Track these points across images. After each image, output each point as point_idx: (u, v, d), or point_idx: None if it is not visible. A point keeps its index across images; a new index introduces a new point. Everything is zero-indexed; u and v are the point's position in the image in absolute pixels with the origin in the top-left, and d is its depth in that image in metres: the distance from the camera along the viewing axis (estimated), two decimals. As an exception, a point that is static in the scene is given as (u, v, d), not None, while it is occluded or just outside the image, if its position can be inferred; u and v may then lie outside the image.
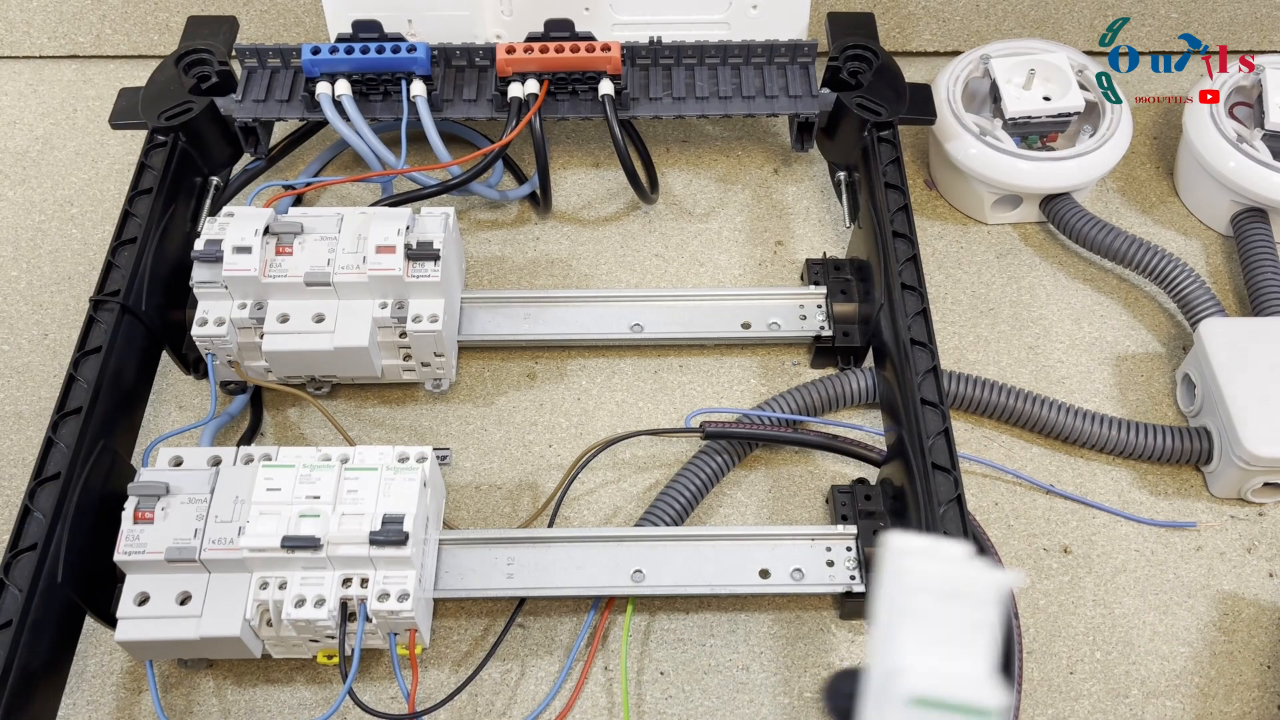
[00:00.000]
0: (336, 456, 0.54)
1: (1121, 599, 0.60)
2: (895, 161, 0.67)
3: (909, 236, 0.63)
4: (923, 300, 0.61)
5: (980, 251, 0.76)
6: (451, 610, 0.59)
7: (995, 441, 0.66)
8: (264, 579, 0.52)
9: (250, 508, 0.52)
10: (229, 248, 0.60)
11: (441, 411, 0.67)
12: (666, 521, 0.59)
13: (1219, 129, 0.73)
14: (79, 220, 0.77)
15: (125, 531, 0.52)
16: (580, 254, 0.75)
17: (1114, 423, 0.64)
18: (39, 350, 0.70)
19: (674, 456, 0.65)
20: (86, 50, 0.87)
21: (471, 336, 0.67)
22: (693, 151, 0.81)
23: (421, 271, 0.61)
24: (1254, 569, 0.62)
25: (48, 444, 0.54)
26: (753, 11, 0.76)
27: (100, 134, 0.82)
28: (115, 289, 0.60)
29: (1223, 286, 0.74)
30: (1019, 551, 0.62)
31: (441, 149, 0.69)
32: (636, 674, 0.57)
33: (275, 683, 0.57)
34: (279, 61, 0.71)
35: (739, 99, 0.71)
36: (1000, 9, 0.86)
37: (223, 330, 0.60)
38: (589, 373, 0.69)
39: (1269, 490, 0.63)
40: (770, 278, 0.74)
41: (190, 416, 0.67)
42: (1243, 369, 0.62)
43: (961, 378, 0.66)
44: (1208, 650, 0.59)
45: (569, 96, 0.70)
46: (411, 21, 0.73)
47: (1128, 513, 0.63)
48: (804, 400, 0.64)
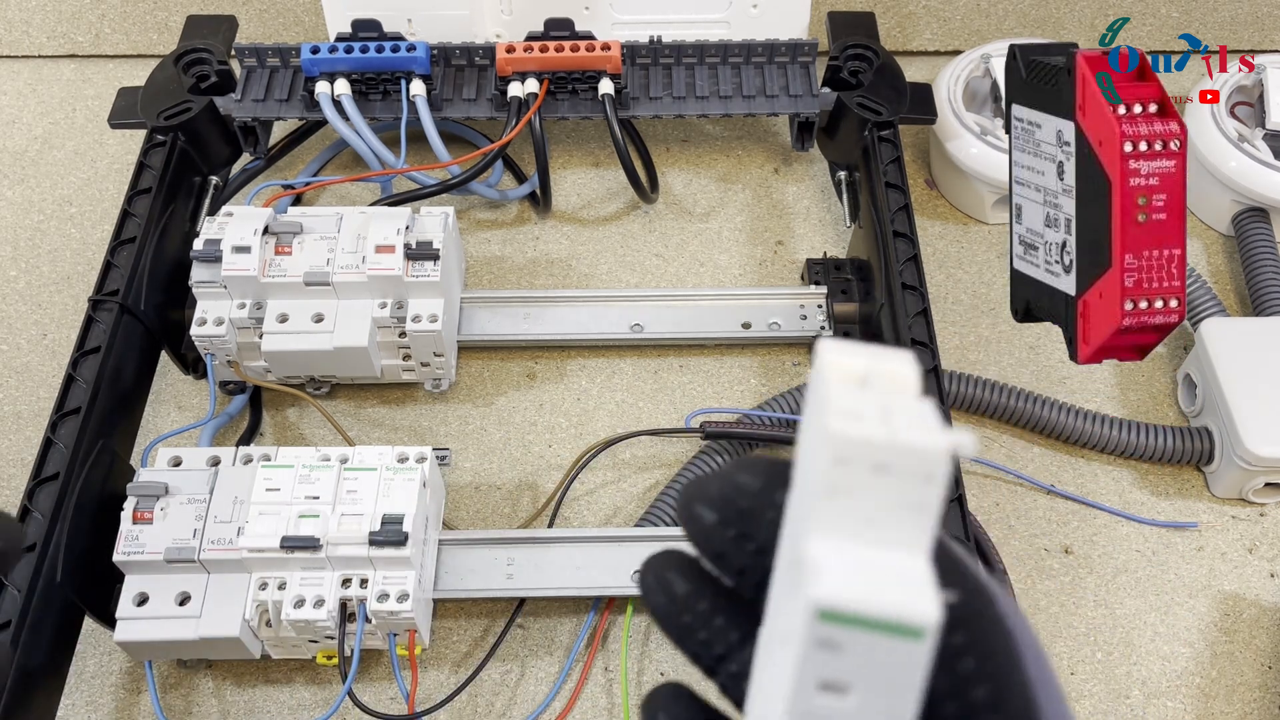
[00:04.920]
0: (336, 457, 0.54)
1: (1123, 599, 0.60)
2: (896, 161, 0.66)
3: (909, 236, 0.63)
4: (923, 300, 0.61)
5: (981, 251, 0.76)
6: (451, 611, 0.59)
7: (996, 441, 0.66)
8: (263, 579, 0.52)
9: (249, 508, 0.52)
10: (228, 247, 0.60)
11: (441, 411, 0.67)
12: (667, 522, 0.59)
13: (1220, 129, 0.73)
14: (78, 220, 0.77)
15: (124, 532, 0.52)
16: (580, 254, 0.75)
17: (1115, 423, 0.64)
18: (38, 350, 0.70)
19: (674, 456, 0.65)
20: (85, 50, 0.87)
21: (471, 336, 0.67)
22: (693, 151, 0.81)
23: (421, 271, 0.61)
24: (1255, 569, 0.61)
25: (46, 444, 0.54)
26: (753, 11, 0.76)
27: (99, 133, 0.82)
28: (114, 289, 0.60)
29: (1223, 286, 0.74)
30: (1019, 552, 0.62)
31: (441, 149, 0.69)
32: (636, 674, 0.57)
33: (274, 683, 0.57)
34: (278, 61, 0.71)
35: (739, 98, 0.71)
36: (1000, 9, 0.86)
37: (222, 330, 0.60)
38: (589, 373, 0.69)
39: (1270, 490, 0.62)
40: (770, 278, 0.74)
41: (189, 416, 0.67)
42: (1244, 369, 0.62)
43: (962, 378, 0.66)
44: (1209, 651, 0.59)
45: (569, 96, 0.70)
46: (411, 21, 0.73)
47: (1129, 513, 0.63)
48: (804, 400, 0.64)
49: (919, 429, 0.20)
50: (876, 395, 0.20)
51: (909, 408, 0.20)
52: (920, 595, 0.19)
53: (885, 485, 0.20)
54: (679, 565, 0.25)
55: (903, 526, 0.20)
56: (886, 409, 0.20)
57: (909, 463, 0.19)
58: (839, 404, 0.20)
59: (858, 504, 0.20)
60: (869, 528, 0.20)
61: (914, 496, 0.20)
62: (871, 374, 0.21)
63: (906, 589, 0.19)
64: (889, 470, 0.19)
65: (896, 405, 0.20)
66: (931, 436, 0.19)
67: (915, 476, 0.19)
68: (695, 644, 0.25)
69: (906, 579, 0.19)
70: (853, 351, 0.21)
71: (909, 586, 0.19)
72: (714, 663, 0.24)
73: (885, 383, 0.21)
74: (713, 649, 0.24)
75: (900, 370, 0.21)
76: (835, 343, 0.21)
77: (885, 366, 0.21)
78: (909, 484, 0.20)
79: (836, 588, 0.19)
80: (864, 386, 0.20)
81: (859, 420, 0.19)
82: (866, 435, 0.19)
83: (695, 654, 0.25)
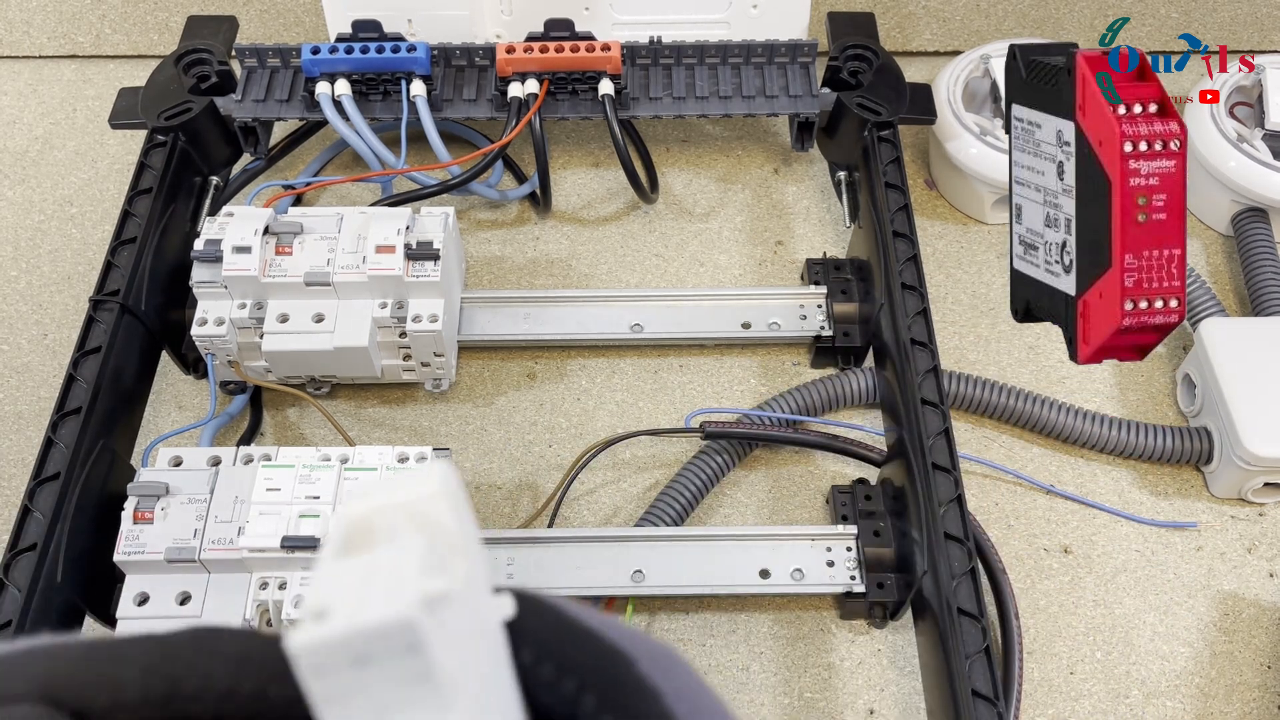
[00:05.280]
0: (336, 457, 0.54)
1: (1122, 599, 0.60)
2: (895, 161, 0.66)
3: (909, 236, 0.63)
4: (923, 300, 0.61)
5: (980, 251, 0.76)
6: (451, 610, 0.59)
7: (995, 441, 0.66)
8: (264, 579, 0.52)
9: (250, 508, 0.52)
10: (229, 247, 0.60)
11: (441, 411, 0.67)
12: (666, 522, 0.59)
13: (1219, 129, 0.73)
14: (78, 220, 0.77)
15: (125, 532, 0.52)
16: (580, 254, 0.75)
17: (1114, 423, 0.64)
18: (38, 350, 0.70)
19: (674, 456, 0.65)
20: (86, 50, 0.87)
21: (471, 336, 0.67)
22: (693, 151, 0.81)
23: (421, 271, 0.61)
24: (1254, 569, 0.61)
25: (47, 444, 0.54)
26: (753, 11, 0.76)
27: (100, 134, 0.82)
28: (115, 289, 0.60)
29: (1223, 286, 0.74)
30: (1019, 551, 0.62)
31: (441, 149, 0.69)
32: (637, 674, 0.57)
33: (275, 683, 0.57)
34: (279, 61, 0.71)
35: (739, 99, 0.71)
36: (1000, 9, 0.86)
37: (222, 330, 0.60)
38: (589, 373, 0.69)
39: (1269, 490, 0.62)
40: (770, 278, 0.74)
41: (190, 416, 0.67)
42: (1243, 369, 0.62)
43: (962, 378, 0.66)
44: (1208, 650, 0.59)
45: (569, 96, 0.70)
46: (411, 21, 0.73)
47: (1128, 513, 0.63)
48: (804, 400, 0.64)
49: (390, 594, 0.17)
50: (369, 558, 0.18)
51: (393, 563, 0.17)
52: None
53: (377, 674, 0.17)
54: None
55: (417, 705, 0.17)
56: (368, 577, 0.17)
57: (382, 645, 0.17)
58: (312, 599, 0.17)
59: (363, 705, 0.17)
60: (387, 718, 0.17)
61: (410, 671, 0.17)
62: (382, 520, 0.18)
63: None
64: (370, 660, 0.17)
65: (381, 565, 0.17)
66: (397, 603, 0.17)
67: (397, 653, 0.17)
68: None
69: None
70: (370, 495, 0.18)
71: None
72: None
73: (391, 527, 0.18)
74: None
75: (413, 500, 0.18)
76: (357, 489, 0.18)
77: (398, 499, 0.18)
78: (396, 663, 0.17)
79: None
80: (366, 548, 0.18)
81: (326, 617, 0.17)
82: (328, 635, 0.17)
83: None
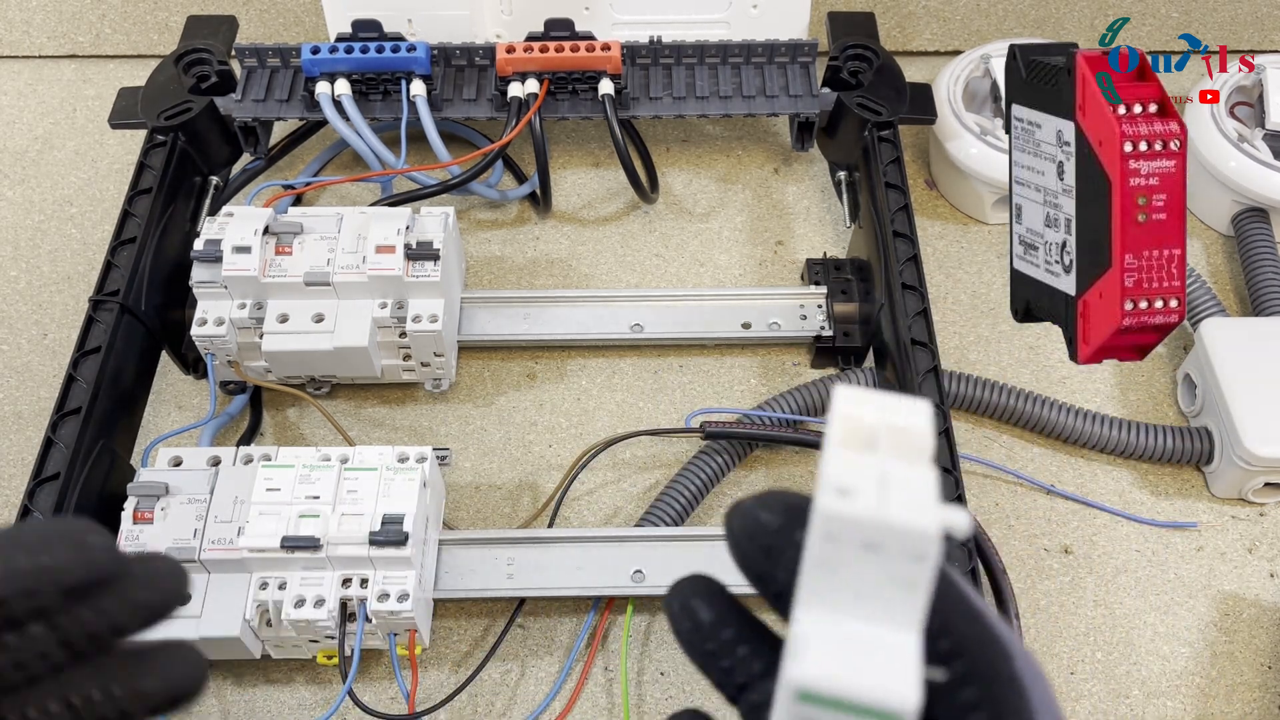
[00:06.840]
0: (336, 457, 0.54)
1: (1122, 599, 0.60)
2: (895, 161, 0.66)
3: (909, 236, 0.63)
4: (923, 300, 0.61)
5: (981, 251, 0.76)
6: (451, 610, 0.59)
7: (996, 441, 0.66)
8: (264, 579, 0.52)
9: (250, 508, 0.52)
10: (228, 247, 0.60)
11: (441, 411, 0.67)
12: (667, 522, 0.59)
13: (1219, 129, 0.73)
14: (78, 220, 0.77)
15: (124, 532, 0.52)
16: (580, 254, 0.75)
17: (1114, 423, 0.64)
18: (38, 350, 0.70)
19: (674, 456, 0.65)
20: (86, 50, 0.87)
21: (471, 336, 0.67)
22: (693, 151, 0.81)
23: (421, 271, 0.61)
24: (1255, 569, 0.61)
25: (47, 444, 0.54)
26: (753, 11, 0.76)
27: (100, 134, 0.82)
28: (115, 289, 0.60)
29: (1223, 286, 0.74)
30: (1019, 552, 0.62)
31: (441, 149, 0.69)
32: (636, 674, 0.57)
33: (275, 683, 0.57)
34: (279, 61, 0.71)
35: (739, 99, 0.71)
36: (1000, 9, 0.86)
37: (222, 330, 0.60)
38: (589, 373, 0.69)
39: (1270, 490, 0.62)
40: (770, 278, 0.74)
41: (190, 416, 0.67)
42: (1243, 369, 0.62)
43: (962, 378, 0.66)
44: (1209, 650, 0.59)
45: (569, 96, 0.70)
46: (411, 21, 0.73)
47: (1128, 513, 0.63)
48: (804, 400, 0.64)
49: (913, 507, 0.19)
50: (879, 460, 0.20)
51: (909, 479, 0.20)
52: (901, 678, 0.19)
53: (875, 562, 0.19)
54: (705, 592, 0.25)
55: (893, 603, 0.20)
56: (885, 479, 0.20)
57: (899, 542, 0.19)
58: (833, 475, 0.20)
59: (848, 579, 0.20)
60: (859, 603, 0.20)
61: (904, 574, 0.19)
62: (881, 431, 0.20)
63: (888, 670, 0.19)
64: (879, 548, 0.19)
65: (896, 476, 0.20)
66: (924, 517, 0.19)
67: (905, 555, 0.19)
68: (718, 671, 0.24)
69: (891, 659, 0.19)
70: (866, 402, 0.21)
71: (891, 668, 0.19)
72: (736, 691, 0.24)
73: (893, 443, 0.20)
74: (735, 678, 0.24)
75: (913, 427, 0.20)
76: (850, 392, 0.21)
77: (897, 421, 0.20)
78: (899, 562, 0.19)
79: (817, 668, 0.19)
80: (868, 448, 0.20)
81: (851, 496, 0.19)
82: (856, 514, 0.19)
83: (718, 681, 0.25)
